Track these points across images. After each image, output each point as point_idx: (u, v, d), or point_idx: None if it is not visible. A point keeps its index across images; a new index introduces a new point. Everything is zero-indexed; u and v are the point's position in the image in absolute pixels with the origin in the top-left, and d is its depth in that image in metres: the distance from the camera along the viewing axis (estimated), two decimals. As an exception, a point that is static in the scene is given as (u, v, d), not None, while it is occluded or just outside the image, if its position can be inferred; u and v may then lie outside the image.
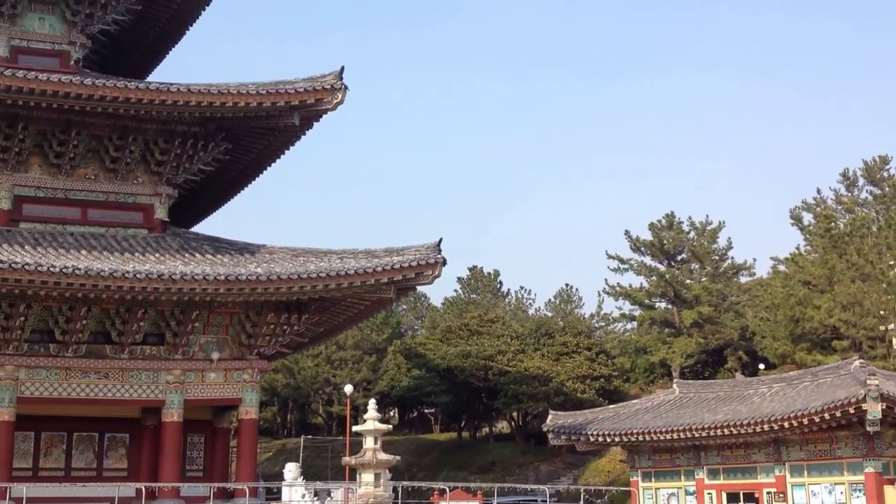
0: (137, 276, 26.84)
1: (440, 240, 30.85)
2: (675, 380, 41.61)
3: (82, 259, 27.77)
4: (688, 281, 57.66)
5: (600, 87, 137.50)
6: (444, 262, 30.64)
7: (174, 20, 34.83)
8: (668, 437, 30.94)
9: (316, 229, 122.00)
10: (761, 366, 49.73)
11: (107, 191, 31.67)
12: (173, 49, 37.02)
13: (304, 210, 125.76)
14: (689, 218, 59.52)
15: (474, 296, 76.00)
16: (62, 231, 30.43)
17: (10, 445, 27.77)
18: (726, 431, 29.14)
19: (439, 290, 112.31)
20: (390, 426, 33.64)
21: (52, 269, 25.84)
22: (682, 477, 32.41)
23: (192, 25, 35.29)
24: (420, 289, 54.84)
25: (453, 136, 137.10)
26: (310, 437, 56.18)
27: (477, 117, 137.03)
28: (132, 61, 36.70)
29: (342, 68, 30.73)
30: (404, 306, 79.17)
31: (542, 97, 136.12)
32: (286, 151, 33.50)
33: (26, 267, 25.50)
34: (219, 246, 32.04)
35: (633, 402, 38.50)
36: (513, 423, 56.60)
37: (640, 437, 31.86)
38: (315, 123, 31.72)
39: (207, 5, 34.10)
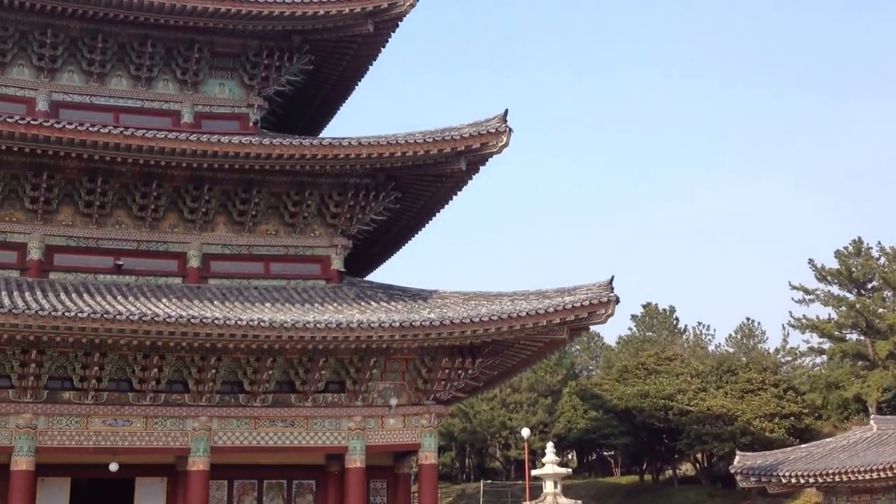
0: (318, 325, 27.65)
1: (612, 277, 30.33)
2: (871, 416, 39.11)
3: (266, 311, 28.88)
4: (881, 310, 54.33)
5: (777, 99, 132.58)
6: (618, 301, 30.05)
7: (344, 77, 36.12)
8: (868, 476, 29.09)
9: (484, 272, 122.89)
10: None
11: (286, 245, 32.97)
12: (344, 103, 38.38)
13: (470, 253, 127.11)
14: (879, 243, 56.41)
15: (650, 333, 74.37)
16: (247, 285, 31.84)
17: (206, 494, 28.90)
18: (934, 471, 27.08)
19: (613, 329, 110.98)
20: (569, 470, 33.21)
21: (238, 322, 26.97)
22: (886, 519, 30.27)
23: (360, 81, 36.51)
24: (593, 328, 54.03)
25: (612, 167, 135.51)
26: (489, 481, 56.13)
27: (633, 140, 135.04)
28: (306, 119, 38.33)
29: (506, 111, 31.04)
30: (578, 347, 78.37)
31: (706, 115, 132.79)
32: (454, 197, 33.98)
33: (216, 321, 26.72)
34: (392, 293, 32.65)
35: (828, 440, 36.47)
36: (697, 465, 54.60)
37: (837, 478, 30.08)
38: (481, 167, 32.08)
39: (374, 60, 35.25)
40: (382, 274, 53.39)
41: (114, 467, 28.17)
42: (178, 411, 28.78)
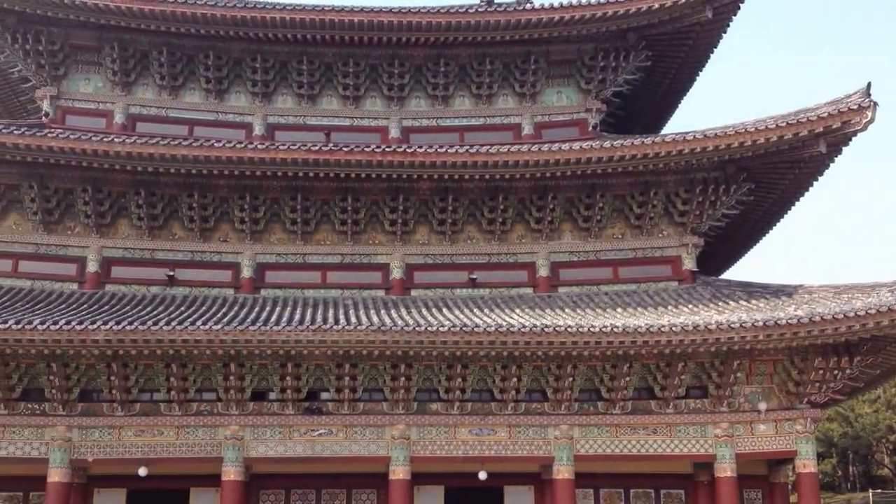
0: (673, 329, 26.63)
1: None
2: None
3: (618, 317, 28.32)
4: None
5: None
6: None
7: (682, 69, 34.76)
8: None
9: (847, 265, 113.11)
10: None
11: (634, 247, 32.27)
12: (685, 96, 36.92)
13: (829, 243, 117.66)
14: None
15: None
16: (596, 291, 31.51)
17: (573, 503, 28.71)
18: None
19: None
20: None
21: (591, 329, 26.67)
22: None
23: (700, 70, 34.93)
24: None
25: None
26: (878, 490, 51.29)
27: None
28: (645, 117, 37.38)
29: (868, 84, 28.43)
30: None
31: None
32: (814, 183, 31.41)
33: (568, 329, 26.64)
34: (752, 291, 30.74)
35: None
36: None
37: None
38: (843, 148, 29.47)
39: (714, 48, 33.57)
40: (739, 271, 50.79)
41: (483, 475, 28.91)
42: (539, 420, 28.98)
